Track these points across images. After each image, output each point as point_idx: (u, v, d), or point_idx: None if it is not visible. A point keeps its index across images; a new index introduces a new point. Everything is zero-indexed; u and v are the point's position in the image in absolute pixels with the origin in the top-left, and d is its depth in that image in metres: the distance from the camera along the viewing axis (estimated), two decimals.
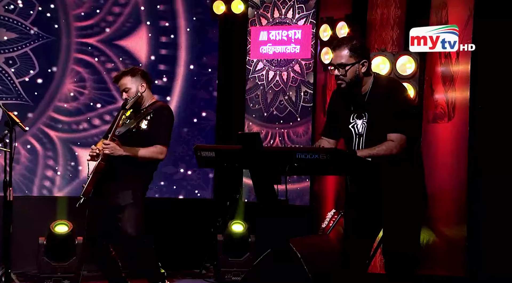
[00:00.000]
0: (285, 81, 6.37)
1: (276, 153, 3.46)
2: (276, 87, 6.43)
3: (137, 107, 4.28)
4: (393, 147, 3.52)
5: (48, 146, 6.39)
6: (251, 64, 6.54)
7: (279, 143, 6.30)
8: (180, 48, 6.59)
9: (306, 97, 6.25)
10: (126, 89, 4.25)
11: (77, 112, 6.42)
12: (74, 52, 6.41)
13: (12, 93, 6.26)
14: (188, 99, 6.63)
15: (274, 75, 6.42)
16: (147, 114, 4.21)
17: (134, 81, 4.25)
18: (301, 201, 6.14)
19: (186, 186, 6.64)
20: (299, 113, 6.27)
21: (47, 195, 6.34)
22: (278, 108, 6.40)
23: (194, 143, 6.45)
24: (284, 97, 6.36)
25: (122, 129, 4.19)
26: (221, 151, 3.57)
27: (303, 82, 6.28)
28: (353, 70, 3.59)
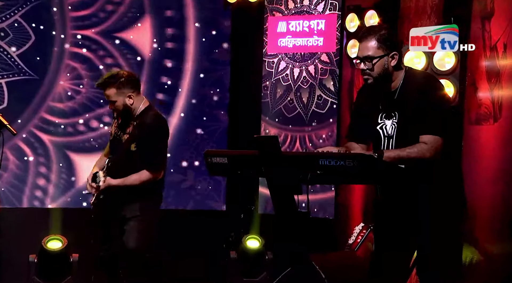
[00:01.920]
0: (295, 79, 6.37)
1: (297, 159, 3.45)
2: (284, 82, 6.43)
3: (128, 116, 4.33)
4: (426, 150, 3.49)
5: (40, 151, 6.45)
6: (269, 60, 6.54)
7: (299, 147, 6.31)
8: (188, 41, 6.63)
9: (319, 102, 6.25)
10: (111, 102, 4.29)
11: (73, 113, 6.47)
12: (69, 45, 6.47)
13: (13, 69, 6.31)
14: (197, 98, 6.66)
15: (285, 67, 6.42)
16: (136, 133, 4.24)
17: (120, 93, 4.25)
18: (324, 214, 6.13)
19: (195, 196, 6.67)
20: (308, 117, 6.28)
21: (38, 207, 6.39)
22: (287, 107, 6.39)
23: (204, 148, 6.47)
24: (294, 96, 6.36)
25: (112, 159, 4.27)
26: (235, 156, 3.58)
27: (320, 84, 6.28)
28: (381, 63, 3.56)
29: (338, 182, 5.18)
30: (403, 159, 3.46)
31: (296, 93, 6.38)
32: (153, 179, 4.28)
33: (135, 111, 4.30)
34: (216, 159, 3.53)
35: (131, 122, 4.28)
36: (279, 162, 3.41)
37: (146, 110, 4.31)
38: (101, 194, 4.25)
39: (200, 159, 6.55)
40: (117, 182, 4.23)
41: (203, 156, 3.63)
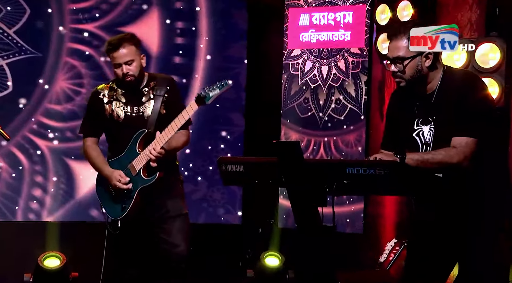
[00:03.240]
0: (325, 78, 6.36)
1: (321, 167, 3.44)
2: (313, 83, 6.42)
3: (134, 87, 4.29)
4: (453, 154, 3.44)
5: (36, 158, 6.48)
6: (286, 48, 6.52)
7: (324, 154, 6.29)
8: (199, 36, 6.65)
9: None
10: (129, 61, 4.22)
11: (72, 116, 6.50)
12: (68, 41, 6.50)
13: (13, 48, 6.34)
14: None
15: (312, 68, 6.43)
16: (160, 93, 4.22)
17: (138, 53, 4.26)
18: (352, 228, 6.10)
19: (207, 208, 6.67)
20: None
21: (34, 220, 6.42)
22: (301, 106, 6.38)
23: (218, 155, 6.47)
24: (307, 96, 6.35)
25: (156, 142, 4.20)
26: (252, 164, 3.58)
27: (340, 87, 6.26)
28: (413, 65, 3.54)
29: (367, 193, 5.16)
30: (427, 162, 3.42)
31: (326, 92, 6.38)
32: (189, 140, 4.31)
33: (144, 79, 4.29)
34: (231, 167, 3.53)
35: (143, 90, 4.27)
36: (301, 170, 3.40)
37: (152, 75, 4.34)
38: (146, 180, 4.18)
39: (213, 166, 6.56)
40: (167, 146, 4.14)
41: (217, 164, 3.63)
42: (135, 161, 4.25)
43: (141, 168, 4.22)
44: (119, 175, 4.26)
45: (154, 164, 4.18)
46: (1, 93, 6.37)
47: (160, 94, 4.25)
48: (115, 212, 4.31)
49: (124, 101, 4.29)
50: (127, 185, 4.24)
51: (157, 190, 4.27)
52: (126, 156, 4.28)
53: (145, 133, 4.22)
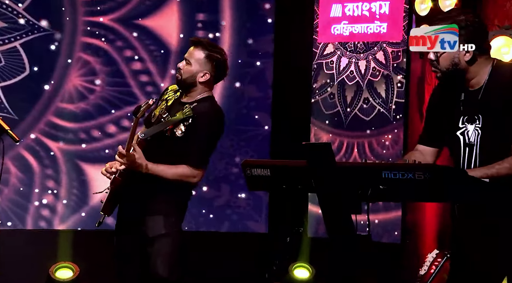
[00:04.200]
0: (363, 73, 6.34)
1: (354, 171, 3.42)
2: (350, 81, 6.40)
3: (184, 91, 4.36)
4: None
5: (47, 161, 6.51)
6: (318, 46, 6.51)
7: (357, 157, 6.28)
8: (222, 29, 6.65)
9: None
10: (187, 61, 4.32)
11: (86, 116, 6.53)
12: (81, 35, 6.53)
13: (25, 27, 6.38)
14: (233, 98, 6.67)
15: (348, 64, 6.41)
16: (187, 116, 4.23)
17: (203, 64, 4.31)
18: (389, 238, 6.08)
19: (231, 215, 6.67)
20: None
21: (45, 228, 6.45)
22: (362, 109, 6.37)
23: (242, 157, 6.47)
24: (366, 95, 6.34)
25: (152, 130, 4.21)
26: (279, 167, 3.57)
27: (388, 77, 6.24)
28: (448, 56, 3.50)
29: (405, 199, 5.12)
30: (492, 178, 3.39)
31: (368, 89, 6.36)
32: (190, 179, 4.25)
33: (195, 94, 4.31)
34: (256, 171, 3.53)
35: (185, 106, 4.29)
36: (333, 174, 3.39)
37: (207, 98, 4.35)
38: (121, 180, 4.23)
39: (238, 170, 6.55)
40: (151, 165, 4.18)
41: (241, 167, 3.62)
42: None
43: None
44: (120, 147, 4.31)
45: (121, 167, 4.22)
46: (19, 76, 6.41)
47: (187, 116, 4.26)
48: None
49: (167, 106, 4.37)
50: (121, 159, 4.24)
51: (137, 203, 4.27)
52: None
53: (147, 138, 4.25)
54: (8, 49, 6.40)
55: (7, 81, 6.41)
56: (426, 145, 3.73)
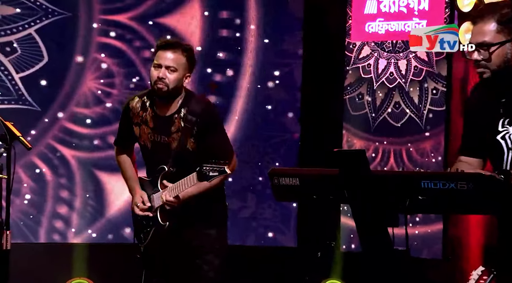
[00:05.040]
0: (404, 73, 6.30)
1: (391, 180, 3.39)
2: (391, 83, 6.37)
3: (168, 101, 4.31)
4: None
5: (61, 170, 6.53)
6: (352, 50, 6.50)
7: (394, 165, 6.26)
8: (247, 27, 6.64)
9: (435, 97, 6.18)
10: (172, 68, 4.25)
11: (102, 121, 6.55)
12: (97, 34, 6.55)
13: (11, 94, 6.46)
14: (259, 101, 6.67)
15: (387, 65, 6.38)
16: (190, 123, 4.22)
17: (185, 66, 4.28)
18: (429, 253, 6.04)
19: (257, 228, 6.66)
20: (425, 122, 6.21)
21: (59, 242, 6.47)
22: (393, 114, 6.35)
23: (269, 166, 6.45)
24: (401, 97, 6.31)
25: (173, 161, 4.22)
26: (309, 176, 3.55)
27: (432, 74, 6.20)
28: (502, 52, 3.45)
29: (447, 211, 5.06)
30: None
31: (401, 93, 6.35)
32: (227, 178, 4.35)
33: (178, 99, 4.29)
34: (284, 180, 3.51)
35: (174, 117, 4.27)
36: (367, 183, 3.37)
37: (188, 97, 4.31)
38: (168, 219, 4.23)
39: (264, 179, 6.53)
40: (193, 190, 4.21)
41: (268, 176, 3.59)
42: (155, 196, 4.31)
43: (158, 208, 4.27)
44: (141, 198, 4.31)
45: (167, 207, 4.23)
46: (37, 65, 6.44)
47: (189, 125, 4.24)
48: (138, 238, 4.40)
49: (152, 127, 4.31)
50: (144, 212, 4.29)
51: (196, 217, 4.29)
52: (152, 184, 4.33)
53: (165, 172, 4.25)
54: (23, 37, 6.43)
55: (25, 71, 6.44)
56: (469, 156, 3.67)
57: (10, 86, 6.43)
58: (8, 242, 4.53)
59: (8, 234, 4.52)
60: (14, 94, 6.42)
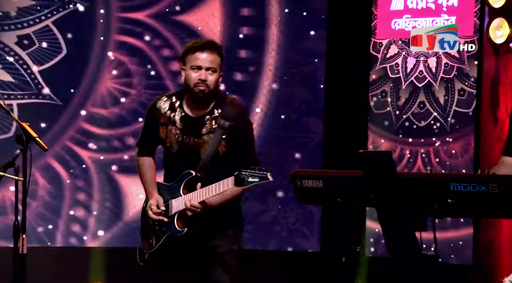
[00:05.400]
0: (435, 71, 6.27)
1: (419, 183, 3.38)
2: (420, 82, 6.35)
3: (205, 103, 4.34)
4: None
5: (78, 171, 6.54)
6: (379, 49, 6.47)
7: (421, 167, 6.23)
8: (269, 25, 6.63)
9: (462, 98, 6.15)
10: (211, 69, 4.25)
11: (120, 121, 6.56)
12: (115, 32, 6.57)
13: (31, 88, 6.48)
14: (282, 101, 6.66)
15: (415, 64, 6.34)
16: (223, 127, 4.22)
17: (221, 66, 4.30)
18: (459, 258, 6.01)
19: (280, 232, 6.65)
20: (450, 123, 6.18)
21: (76, 246, 6.49)
22: (418, 114, 6.32)
23: (292, 167, 6.39)
24: (427, 97, 6.28)
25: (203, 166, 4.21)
26: (333, 178, 3.56)
27: (461, 74, 6.16)
28: None
29: (477, 215, 5.03)
30: None
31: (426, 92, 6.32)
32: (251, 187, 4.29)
33: (210, 100, 4.30)
34: (307, 182, 3.53)
35: (205, 119, 4.28)
36: (393, 186, 3.36)
37: (221, 98, 4.32)
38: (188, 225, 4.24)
39: (286, 182, 6.50)
40: (217, 199, 4.20)
41: (290, 178, 3.62)
42: (174, 202, 4.30)
43: (177, 213, 4.26)
44: (157, 201, 4.30)
45: (189, 213, 4.21)
46: (56, 57, 6.47)
47: (222, 128, 4.24)
48: (145, 243, 4.40)
49: (181, 128, 4.30)
50: (158, 216, 4.28)
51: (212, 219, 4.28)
52: (172, 189, 4.32)
53: (191, 177, 4.24)
54: (41, 29, 6.44)
55: (44, 64, 6.46)
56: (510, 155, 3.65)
57: (29, 80, 6.45)
58: (24, 246, 4.53)
59: (24, 238, 4.51)
60: (33, 88, 6.44)
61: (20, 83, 6.42)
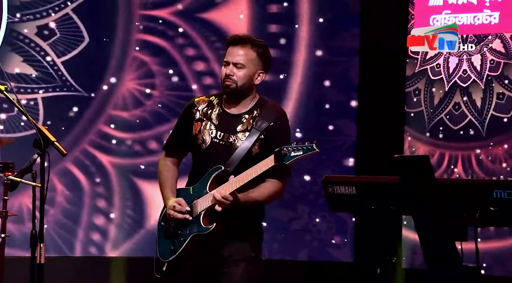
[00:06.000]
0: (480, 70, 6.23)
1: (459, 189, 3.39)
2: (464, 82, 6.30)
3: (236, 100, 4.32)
4: None
5: (98, 177, 6.55)
6: (420, 55, 6.41)
7: (462, 172, 6.19)
8: (299, 22, 6.62)
9: (500, 102, 6.13)
10: (239, 65, 4.28)
11: (142, 124, 6.57)
12: (137, 31, 6.57)
13: (55, 80, 6.50)
14: (312, 102, 6.65)
15: (458, 63, 6.30)
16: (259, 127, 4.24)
17: (256, 63, 4.29)
18: (503, 270, 5.97)
19: (311, 242, 6.61)
20: (486, 127, 6.16)
21: (96, 255, 6.50)
22: (453, 116, 6.28)
23: (323, 173, 6.35)
24: (463, 98, 6.26)
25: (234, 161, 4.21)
26: (366, 185, 3.57)
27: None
28: None
29: None
30: None
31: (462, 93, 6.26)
32: (282, 193, 4.30)
33: (248, 100, 4.31)
34: (339, 189, 3.56)
35: (242, 117, 4.31)
36: (432, 193, 3.37)
37: (262, 101, 4.33)
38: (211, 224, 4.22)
39: (317, 188, 6.47)
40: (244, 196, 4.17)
41: (321, 184, 3.68)
42: (200, 200, 4.29)
43: (203, 211, 4.25)
44: (176, 202, 4.29)
45: (219, 208, 4.20)
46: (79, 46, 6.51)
47: (259, 129, 4.25)
48: (163, 252, 4.34)
49: (216, 124, 4.32)
50: (183, 215, 4.27)
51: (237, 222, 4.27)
52: (196, 190, 4.33)
53: (220, 171, 4.25)
54: (61, 18, 6.47)
55: (67, 55, 6.49)
56: None
57: (52, 72, 6.48)
58: (42, 256, 4.53)
59: (42, 247, 4.52)
60: (57, 80, 6.47)
61: (43, 75, 6.45)
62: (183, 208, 4.28)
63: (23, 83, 6.42)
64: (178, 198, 4.35)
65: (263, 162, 4.12)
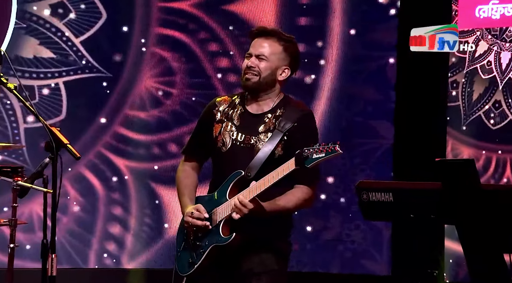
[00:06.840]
0: None
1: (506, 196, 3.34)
2: None
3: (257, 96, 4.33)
4: None
5: (114, 182, 6.58)
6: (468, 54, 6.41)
7: (511, 178, 6.19)
8: (330, 13, 6.62)
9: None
10: (262, 56, 4.29)
11: (161, 126, 6.60)
12: (155, 24, 6.59)
13: (76, 63, 6.53)
14: (345, 101, 6.64)
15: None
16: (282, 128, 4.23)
17: (281, 57, 4.31)
18: None
19: (343, 253, 6.61)
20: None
21: (112, 267, 6.53)
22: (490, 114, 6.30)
23: (356, 178, 6.37)
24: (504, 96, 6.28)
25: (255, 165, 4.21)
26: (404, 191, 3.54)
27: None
28: None
29: None
30: None
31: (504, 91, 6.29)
32: (312, 199, 4.30)
33: (271, 97, 4.32)
34: (375, 195, 3.53)
35: (264, 116, 4.31)
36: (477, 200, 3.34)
37: (286, 99, 4.35)
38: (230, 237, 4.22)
39: (350, 194, 6.50)
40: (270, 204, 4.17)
41: (355, 190, 3.62)
42: (219, 209, 4.28)
43: (222, 220, 4.23)
44: (195, 208, 4.28)
45: (237, 216, 4.18)
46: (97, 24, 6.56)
47: (282, 130, 4.25)
48: (182, 265, 4.35)
49: (237, 125, 4.32)
50: (201, 222, 4.25)
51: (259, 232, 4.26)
52: (215, 198, 4.33)
53: (241, 177, 4.23)
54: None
55: (85, 33, 6.53)
56: None
57: (72, 53, 6.52)
58: (53, 268, 4.55)
59: (53, 258, 4.54)
60: (78, 62, 6.51)
61: (63, 58, 6.51)
62: (202, 214, 4.26)
63: (41, 68, 6.45)
64: (197, 205, 4.34)
65: (283, 165, 4.12)
